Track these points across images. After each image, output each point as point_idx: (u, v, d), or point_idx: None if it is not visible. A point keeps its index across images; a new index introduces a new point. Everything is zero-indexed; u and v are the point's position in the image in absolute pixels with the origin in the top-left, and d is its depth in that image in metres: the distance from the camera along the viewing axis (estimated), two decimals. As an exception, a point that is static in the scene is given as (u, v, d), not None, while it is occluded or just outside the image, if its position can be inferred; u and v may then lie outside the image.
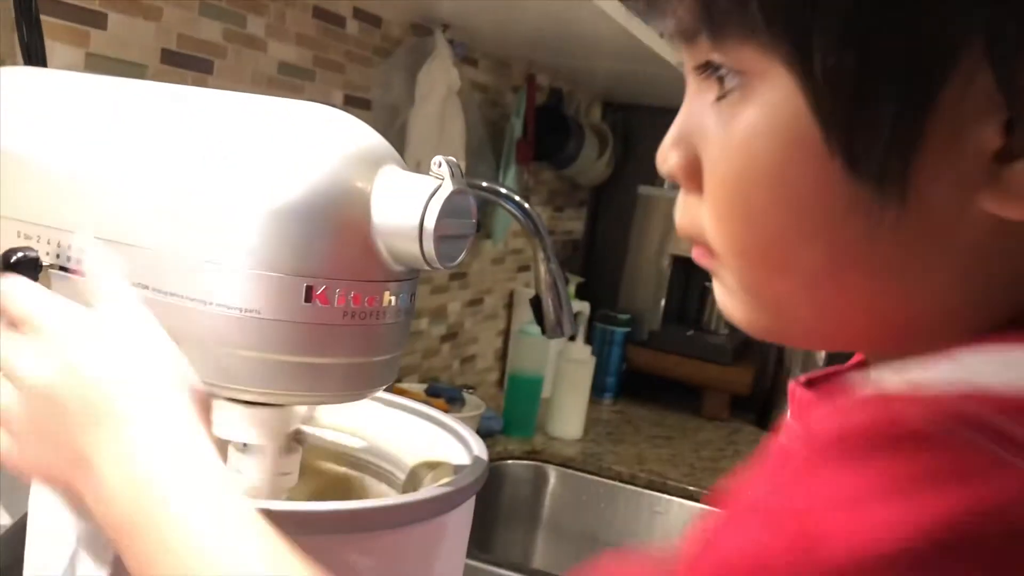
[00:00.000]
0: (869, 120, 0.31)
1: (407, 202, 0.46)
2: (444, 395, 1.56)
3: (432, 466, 0.58)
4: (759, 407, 2.05)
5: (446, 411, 0.89)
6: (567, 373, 1.75)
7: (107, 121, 0.54)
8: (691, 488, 1.57)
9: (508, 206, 1.39)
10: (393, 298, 0.48)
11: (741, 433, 1.96)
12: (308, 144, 0.47)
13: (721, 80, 0.34)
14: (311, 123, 0.49)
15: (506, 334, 2.05)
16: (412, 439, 0.62)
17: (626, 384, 2.06)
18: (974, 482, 0.28)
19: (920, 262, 0.33)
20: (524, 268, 2.08)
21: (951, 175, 0.31)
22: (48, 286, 0.54)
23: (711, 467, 1.69)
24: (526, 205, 1.41)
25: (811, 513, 0.29)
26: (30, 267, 0.53)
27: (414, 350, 1.65)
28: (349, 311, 0.47)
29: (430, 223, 0.46)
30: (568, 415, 1.74)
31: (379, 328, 0.48)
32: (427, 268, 0.47)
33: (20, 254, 0.53)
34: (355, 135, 0.49)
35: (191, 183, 0.48)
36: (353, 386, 0.49)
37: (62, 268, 0.53)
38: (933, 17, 0.29)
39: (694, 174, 0.37)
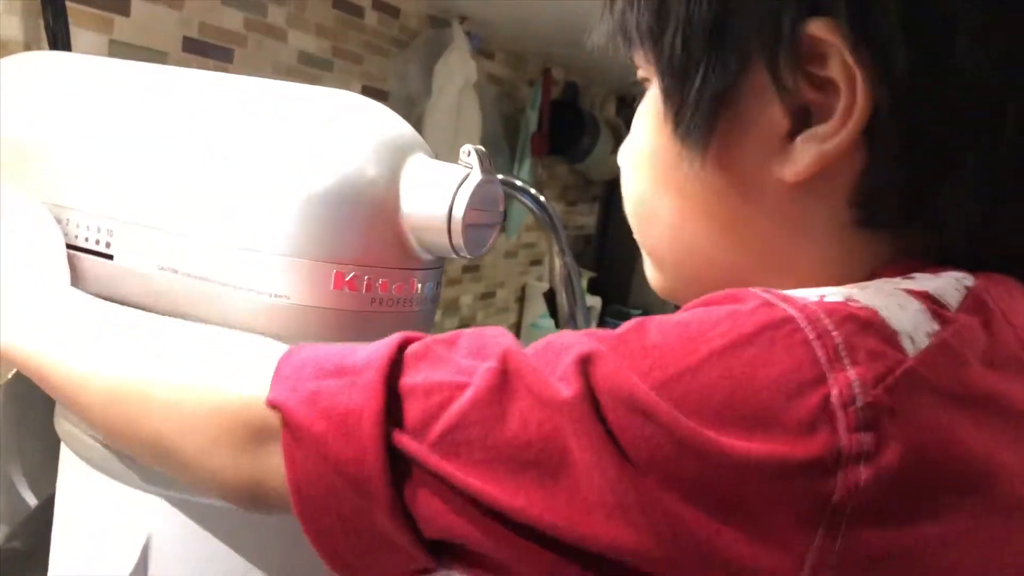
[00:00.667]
0: (685, 99, 0.42)
1: (436, 191, 0.46)
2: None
3: None
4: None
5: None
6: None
7: (138, 106, 0.54)
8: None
9: (524, 199, 1.39)
10: (420, 286, 0.49)
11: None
12: (338, 132, 0.47)
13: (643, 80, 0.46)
14: (340, 110, 0.49)
15: (518, 328, 2.05)
16: None
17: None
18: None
19: (737, 213, 0.43)
20: (536, 262, 2.09)
21: (751, 143, 0.41)
22: (74, 269, 0.54)
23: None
24: (542, 198, 1.41)
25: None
26: None
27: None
28: (377, 298, 0.47)
29: (459, 212, 0.46)
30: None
31: (406, 315, 0.48)
32: (454, 256, 0.48)
33: None
34: (384, 123, 0.49)
35: (222, 169, 0.48)
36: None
37: (81, 249, 0.54)
38: (731, 35, 0.40)
39: None
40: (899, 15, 0.36)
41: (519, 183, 1.41)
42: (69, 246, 0.54)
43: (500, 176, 1.43)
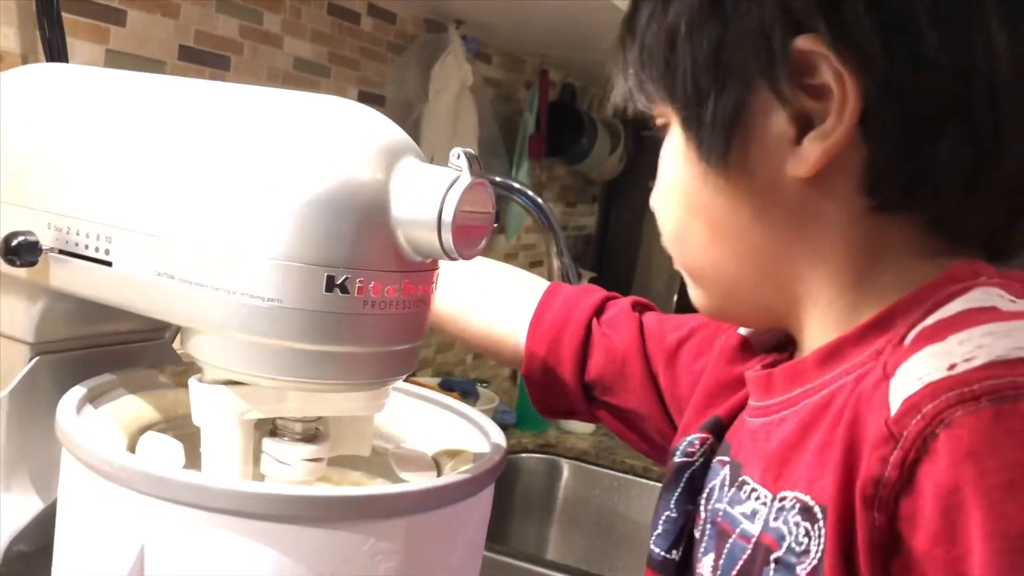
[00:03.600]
0: (702, 124, 0.48)
1: (426, 194, 0.47)
2: (458, 388, 1.57)
3: (452, 454, 0.59)
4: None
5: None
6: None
7: (132, 114, 0.55)
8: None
9: (522, 201, 1.40)
10: (413, 288, 0.49)
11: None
12: (329, 137, 0.48)
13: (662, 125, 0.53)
14: (332, 116, 0.50)
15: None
16: (431, 427, 0.63)
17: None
18: None
19: (762, 218, 0.48)
20: (537, 263, 2.09)
21: (764, 153, 0.47)
22: (47, 270, 0.55)
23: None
24: (539, 200, 1.41)
25: None
26: (29, 251, 0.55)
27: (428, 344, 1.67)
28: (369, 300, 0.48)
29: (448, 214, 0.47)
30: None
31: (398, 318, 0.49)
32: (446, 259, 0.48)
33: (20, 238, 0.55)
34: (375, 128, 0.50)
35: (216, 175, 0.49)
36: (373, 374, 0.50)
37: (61, 251, 0.55)
38: (732, 64, 0.46)
39: None
40: (870, 19, 0.43)
41: (517, 185, 1.41)
42: (69, 254, 0.55)
43: (498, 179, 1.44)
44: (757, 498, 0.49)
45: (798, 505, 0.45)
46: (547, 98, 1.94)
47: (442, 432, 0.62)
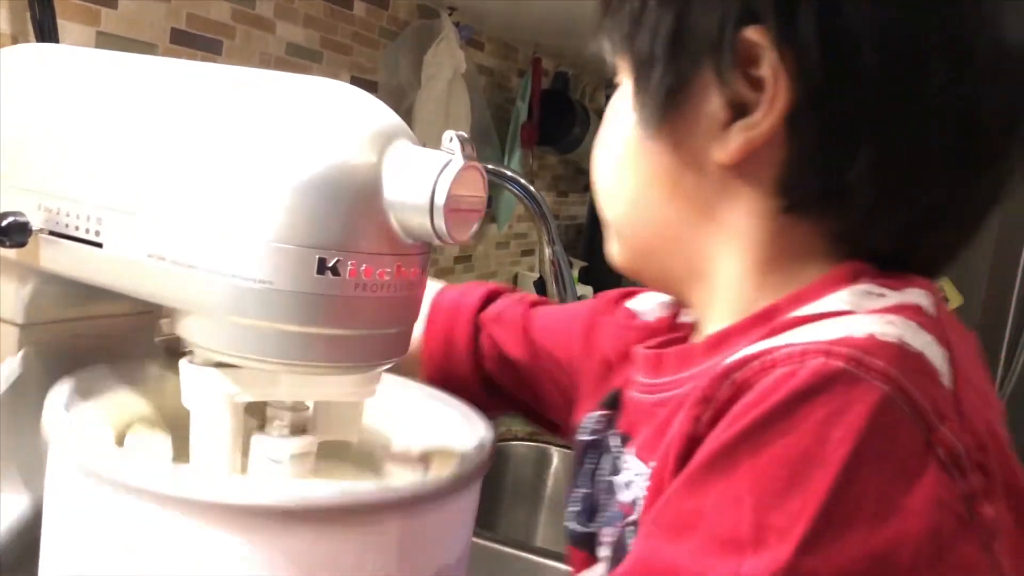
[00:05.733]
0: (648, 87, 0.49)
1: (418, 177, 0.47)
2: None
3: (440, 450, 0.59)
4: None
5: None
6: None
7: (123, 95, 0.55)
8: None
9: (514, 188, 1.40)
10: (405, 271, 0.49)
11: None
12: (322, 119, 0.48)
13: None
14: (324, 98, 0.50)
15: (510, 317, 2.05)
16: (418, 417, 0.63)
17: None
18: None
19: (682, 187, 0.50)
20: (528, 252, 2.09)
21: (696, 129, 0.48)
22: (37, 251, 0.55)
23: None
24: (531, 188, 1.41)
25: None
26: (19, 231, 0.55)
27: (419, 331, 1.66)
28: (361, 283, 0.47)
29: (440, 198, 0.47)
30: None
31: (390, 301, 0.49)
32: (438, 242, 0.48)
33: (11, 219, 0.54)
34: (368, 110, 0.50)
35: (208, 157, 0.49)
36: (365, 357, 0.50)
37: (51, 232, 0.55)
38: (687, 41, 0.47)
39: None
40: (817, 25, 0.44)
41: (509, 173, 1.41)
42: (60, 235, 0.55)
43: (490, 166, 1.43)
44: (632, 469, 0.52)
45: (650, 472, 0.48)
46: (540, 86, 1.94)
47: (429, 423, 0.62)
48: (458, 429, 0.60)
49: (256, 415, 0.55)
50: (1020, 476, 0.42)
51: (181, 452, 0.54)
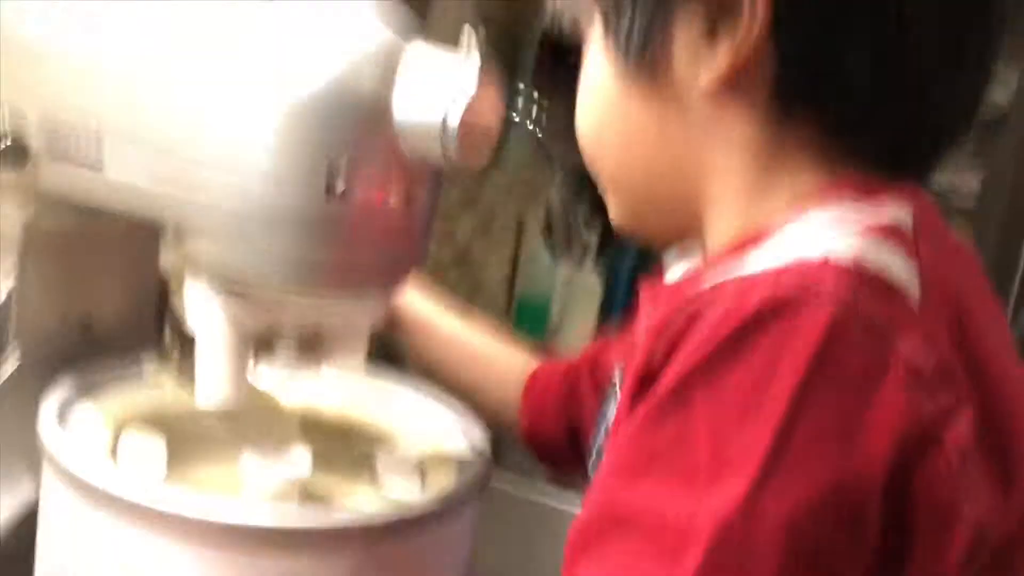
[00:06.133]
0: (624, 20, 0.47)
1: (431, 96, 0.46)
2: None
3: (436, 458, 0.60)
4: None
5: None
6: (576, 299, 1.76)
7: (127, 18, 0.53)
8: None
9: (522, 133, 1.38)
10: (413, 195, 0.48)
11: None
12: (330, 34, 0.47)
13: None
14: (331, 14, 0.48)
15: (515, 260, 2.05)
16: (418, 420, 0.64)
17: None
18: None
19: (671, 124, 0.48)
20: (534, 196, 2.08)
21: (677, 55, 0.46)
22: (37, 174, 0.54)
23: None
24: (539, 132, 1.40)
25: None
26: (20, 154, 0.54)
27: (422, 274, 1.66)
28: (369, 206, 0.46)
29: (454, 119, 0.45)
30: (575, 342, 1.75)
31: (401, 223, 0.48)
32: (450, 166, 0.47)
33: (9, 141, 0.53)
34: (377, 25, 0.48)
35: (214, 79, 0.48)
36: (371, 281, 0.49)
37: (52, 155, 0.53)
38: None
39: None
40: None
41: (517, 117, 1.40)
42: (60, 158, 0.53)
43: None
44: (617, 400, 0.52)
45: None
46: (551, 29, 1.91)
47: (425, 424, 0.63)
48: (453, 430, 0.62)
49: (263, 341, 0.54)
50: (1006, 400, 0.40)
51: (175, 453, 0.55)
